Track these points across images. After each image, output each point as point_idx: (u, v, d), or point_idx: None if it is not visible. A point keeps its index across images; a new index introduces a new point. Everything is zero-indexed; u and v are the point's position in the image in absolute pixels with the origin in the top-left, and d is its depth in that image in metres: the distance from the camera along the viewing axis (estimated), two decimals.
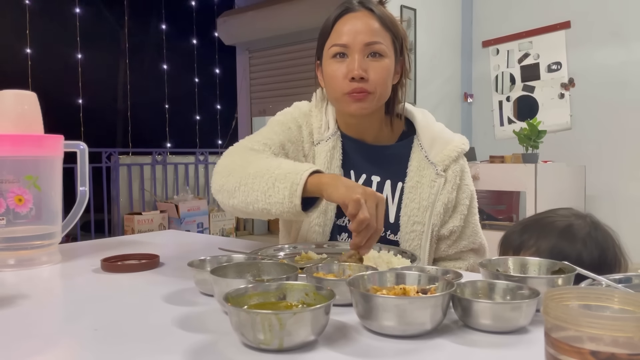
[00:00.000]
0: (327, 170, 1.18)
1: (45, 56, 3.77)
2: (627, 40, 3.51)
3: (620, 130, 3.54)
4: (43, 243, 1.03)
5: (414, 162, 1.20)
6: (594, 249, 0.95)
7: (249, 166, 1.05)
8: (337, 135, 1.22)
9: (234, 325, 0.58)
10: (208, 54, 4.83)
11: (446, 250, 1.22)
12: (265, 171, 1.01)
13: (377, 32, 1.12)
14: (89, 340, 0.63)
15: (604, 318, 0.42)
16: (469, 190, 1.23)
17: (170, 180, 4.32)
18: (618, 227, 1.04)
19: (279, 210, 0.98)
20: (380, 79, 1.12)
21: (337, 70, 1.12)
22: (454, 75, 4.16)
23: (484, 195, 3.52)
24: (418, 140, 1.22)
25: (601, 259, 0.94)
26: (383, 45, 1.12)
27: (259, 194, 1.00)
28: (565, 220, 1.01)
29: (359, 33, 1.11)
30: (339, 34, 1.12)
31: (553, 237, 0.98)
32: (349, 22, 1.12)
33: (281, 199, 0.97)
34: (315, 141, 1.22)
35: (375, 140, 1.23)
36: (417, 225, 1.17)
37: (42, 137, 1.05)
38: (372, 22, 1.12)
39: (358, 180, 1.21)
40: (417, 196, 1.18)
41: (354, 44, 1.11)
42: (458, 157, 1.21)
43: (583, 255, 0.94)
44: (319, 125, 1.22)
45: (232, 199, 1.05)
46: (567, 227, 0.99)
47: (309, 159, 1.21)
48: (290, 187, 0.96)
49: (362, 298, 0.63)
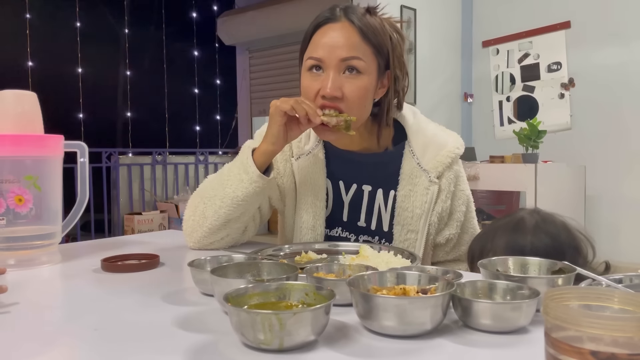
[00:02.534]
0: (311, 185, 1.17)
1: (45, 56, 3.77)
2: (627, 40, 3.50)
3: (620, 130, 3.54)
4: (43, 243, 1.03)
5: (406, 170, 1.16)
6: (544, 237, 0.99)
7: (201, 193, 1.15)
8: (318, 147, 1.18)
9: (234, 325, 0.58)
10: (208, 54, 4.82)
11: (445, 256, 1.22)
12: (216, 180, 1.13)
13: (356, 46, 1.05)
14: (89, 340, 0.63)
15: (604, 318, 0.42)
16: (464, 195, 1.20)
17: (170, 180, 4.32)
18: (618, 227, 1.06)
19: (243, 188, 1.06)
20: (355, 98, 1.05)
21: (311, 86, 1.07)
22: (454, 75, 4.16)
23: (484, 195, 3.52)
24: (409, 146, 1.18)
25: (555, 245, 0.98)
26: (361, 61, 1.05)
27: (218, 194, 1.09)
28: (515, 218, 1.05)
29: (336, 47, 1.04)
30: (316, 47, 1.06)
31: (506, 234, 1.02)
32: (326, 34, 1.06)
33: (238, 178, 1.07)
34: (294, 155, 1.19)
35: (363, 149, 1.19)
36: (411, 233, 1.15)
37: (42, 137, 1.05)
38: (352, 35, 1.05)
39: (348, 191, 1.18)
40: (410, 204, 1.15)
41: (330, 59, 1.04)
42: (452, 163, 1.17)
43: (536, 244, 0.97)
44: (299, 139, 1.18)
45: (205, 222, 1.10)
46: (517, 223, 1.03)
47: (285, 177, 1.19)
48: (241, 164, 1.07)
49: (362, 298, 0.63)
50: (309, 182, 1.17)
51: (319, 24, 1.08)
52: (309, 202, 1.16)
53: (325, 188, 1.18)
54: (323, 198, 1.17)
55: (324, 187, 1.17)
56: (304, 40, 1.11)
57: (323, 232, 1.17)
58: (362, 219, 1.18)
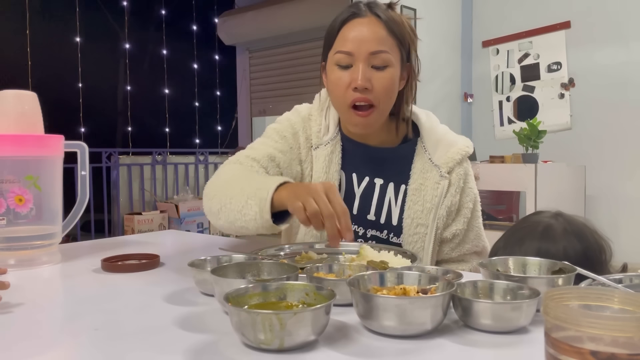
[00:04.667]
0: (325, 174, 1.18)
1: (45, 56, 3.77)
2: (627, 40, 3.51)
3: (620, 130, 3.54)
4: (43, 243, 1.03)
5: (418, 165, 1.20)
6: (575, 242, 0.97)
7: (228, 187, 1.08)
8: (336, 139, 1.21)
9: (235, 325, 0.58)
10: (208, 54, 4.82)
11: (449, 253, 1.22)
12: (239, 190, 1.03)
13: (384, 40, 1.09)
14: (89, 340, 0.63)
15: (604, 318, 0.42)
16: (472, 193, 1.23)
17: (170, 180, 4.32)
18: (618, 227, 1.06)
19: (255, 226, 1.00)
20: (384, 91, 1.10)
21: (341, 79, 1.11)
22: (454, 75, 4.16)
23: (484, 195, 3.50)
24: (422, 142, 1.22)
25: (584, 248, 0.96)
26: (389, 54, 1.10)
27: (236, 213, 1.02)
28: (540, 224, 1.03)
29: (365, 41, 1.08)
30: (344, 41, 1.10)
31: (535, 241, 0.99)
32: (355, 29, 1.10)
33: (254, 215, 0.98)
34: (313, 145, 1.22)
35: (379, 143, 1.23)
36: (421, 227, 1.16)
37: (42, 137, 1.05)
38: (379, 30, 1.09)
39: (361, 183, 1.20)
40: (420, 198, 1.17)
41: (359, 53, 1.08)
42: (462, 160, 1.21)
43: (568, 251, 0.95)
44: (318, 129, 1.22)
45: (219, 220, 1.08)
46: (545, 230, 1.01)
47: (306, 164, 1.21)
48: (259, 203, 0.97)
49: (362, 298, 0.63)
50: (324, 172, 1.19)
51: (346, 20, 1.12)
52: None
53: (338, 179, 1.20)
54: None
55: (337, 177, 1.19)
56: (329, 36, 1.15)
57: None
58: (372, 212, 1.19)
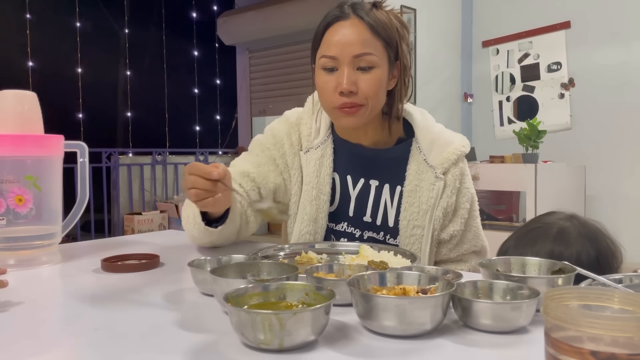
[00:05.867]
0: (317, 178, 1.19)
1: (45, 56, 3.77)
2: (627, 40, 3.51)
3: (620, 130, 3.54)
4: (43, 243, 1.03)
5: (413, 166, 1.19)
6: (589, 247, 0.96)
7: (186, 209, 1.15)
8: (327, 142, 1.21)
9: (234, 325, 0.58)
10: (208, 54, 4.82)
11: (447, 254, 1.22)
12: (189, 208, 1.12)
13: (367, 42, 1.08)
14: (89, 340, 0.63)
15: (604, 318, 0.42)
16: (469, 193, 1.22)
17: (170, 180, 4.32)
18: (618, 227, 1.05)
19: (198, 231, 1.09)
20: (371, 92, 1.09)
21: (327, 83, 1.10)
22: (454, 75, 4.16)
23: (484, 195, 3.52)
24: (417, 142, 1.20)
25: (597, 254, 0.95)
26: (374, 56, 1.08)
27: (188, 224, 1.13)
28: (554, 226, 1.01)
29: (348, 44, 1.07)
30: (328, 45, 1.10)
31: (548, 243, 0.98)
32: (338, 32, 1.09)
33: (193, 222, 1.08)
34: (304, 149, 1.22)
35: (373, 144, 1.22)
36: (417, 229, 1.16)
37: (42, 137, 1.05)
38: (362, 32, 1.08)
39: (356, 185, 1.20)
40: (416, 200, 1.17)
41: (343, 56, 1.08)
42: (458, 160, 1.19)
43: (581, 256, 0.94)
44: (309, 132, 1.22)
45: (187, 234, 1.17)
46: (559, 232, 0.99)
47: (294, 171, 1.21)
48: (193, 211, 1.07)
49: (362, 298, 0.63)
50: (315, 176, 1.18)
51: (329, 23, 1.11)
52: (314, 195, 1.18)
53: (330, 182, 1.20)
54: (327, 192, 1.19)
55: (329, 181, 1.19)
56: (315, 39, 1.14)
57: (325, 225, 1.18)
58: (368, 214, 1.19)
